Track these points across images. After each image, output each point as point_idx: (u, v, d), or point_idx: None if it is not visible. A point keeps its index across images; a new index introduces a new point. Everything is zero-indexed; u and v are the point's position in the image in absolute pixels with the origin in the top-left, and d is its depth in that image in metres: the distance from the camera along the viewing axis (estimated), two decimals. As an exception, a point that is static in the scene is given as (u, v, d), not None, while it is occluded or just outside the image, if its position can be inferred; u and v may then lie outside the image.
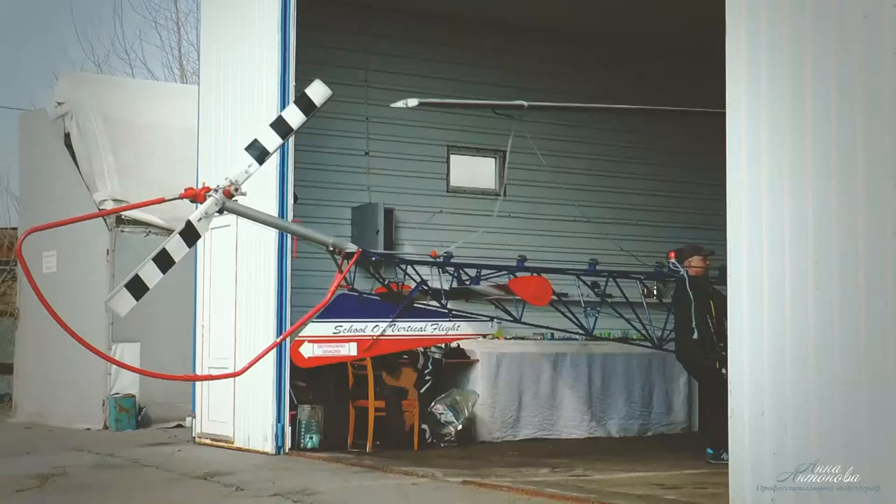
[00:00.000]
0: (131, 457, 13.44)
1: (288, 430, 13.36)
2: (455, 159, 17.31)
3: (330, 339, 10.95)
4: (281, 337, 11.28)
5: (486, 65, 16.25)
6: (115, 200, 16.11)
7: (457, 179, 17.10)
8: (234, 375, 15.96)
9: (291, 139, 13.29)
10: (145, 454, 13.74)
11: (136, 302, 9.49)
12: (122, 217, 16.19)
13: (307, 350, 10.82)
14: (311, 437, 13.49)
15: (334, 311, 10.92)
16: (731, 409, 7.70)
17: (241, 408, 13.99)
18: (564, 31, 16.34)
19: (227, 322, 13.49)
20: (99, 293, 10.51)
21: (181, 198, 9.66)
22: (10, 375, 21.61)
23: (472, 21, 15.86)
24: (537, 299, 11.72)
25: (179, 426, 16.65)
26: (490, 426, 14.68)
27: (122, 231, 16.71)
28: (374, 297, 11.66)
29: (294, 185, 13.52)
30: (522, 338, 15.25)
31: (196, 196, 9.51)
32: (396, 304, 11.52)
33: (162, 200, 12.03)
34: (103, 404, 17.32)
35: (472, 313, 12.58)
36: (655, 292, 13.49)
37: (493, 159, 17.56)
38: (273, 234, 12.62)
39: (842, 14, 6.89)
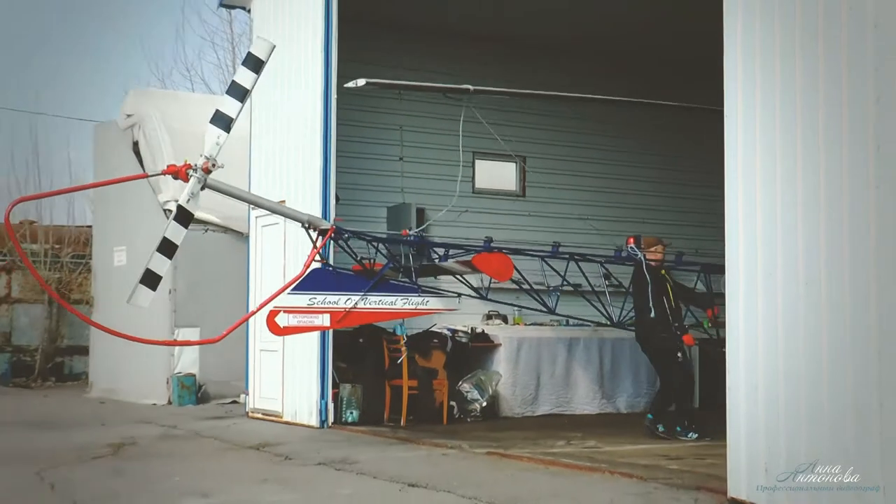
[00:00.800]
0: (192, 429, 13.52)
1: (331, 406, 13.37)
2: (480, 164, 17.29)
3: (304, 311, 10.38)
4: (257, 307, 11.17)
5: (501, 76, 16.10)
6: (177, 201, 16.14)
7: (481, 182, 17.07)
8: (211, 342, 16.00)
9: (333, 146, 13.42)
10: (204, 427, 13.80)
11: (154, 292, 9.33)
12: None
13: (282, 320, 10.29)
14: (352, 413, 13.50)
15: (310, 284, 10.39)
16: (728, 386, 7.64)
17: (289, 386, 14.01)
18: (572, 47, 16.23)
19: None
20: (163, 284, 10.47)
21: (163, 174, 9.59)
22: (87, 356, 21.72)
23: (489, 38, 15.74)
24: (499, 274, 11.27)
25: (234, 402, 16.68)
26: (511, 403, 14.65)
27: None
28: (348, 272, 11.07)
29: (336, 188, 13.53)
30: (540, 324, 15.21)
31: (178, 172, 9.29)
32: (369, 279, 10.94)
33: (145, 176, 12.05)
34: (167, 382, 17.40)
35: (443, 290, 11.98)
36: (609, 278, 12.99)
37: (514, 164, 17.51)
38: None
39: (827, 30, 6.83)
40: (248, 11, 15.66)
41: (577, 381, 14.85)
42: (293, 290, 10.18)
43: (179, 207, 9.39)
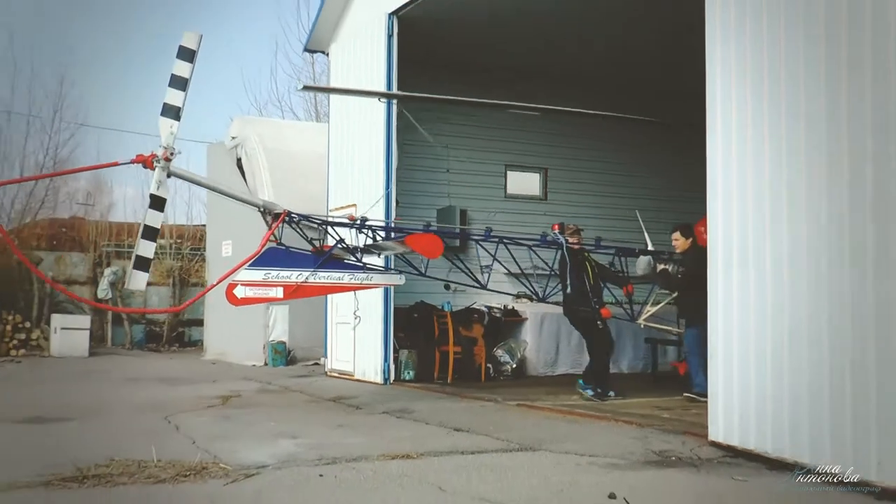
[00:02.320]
0: (283, 385, 13.61)
1: (392, 367, 13.43)
2: (511, 174, 17.30)
3: (259, 284, 9.63)
4: (216, 282, 10.52)
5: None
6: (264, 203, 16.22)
7: (511, 188, 17.06)
8: (174, 311, 16.04)
9: (394, 162, 13.46)
10: (292, 383, 13.88)
11: (147, 274, 8.81)
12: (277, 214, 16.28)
13: (240, 292, 9.56)
14: (408, 372, 13.56)
15: (265, 261, 9.68)
16: (710, 353, 7.63)
17: (359, 351, 14.08)
18: (594, 79, 16.14)
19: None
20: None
21: (132, 162, 8.75)
22: (202, 327, 22.00)
23: (522, 71, 15.68)
24: (429, 252, 10.33)
25: (316, 364, 16.75)
26: (535, 365, 14.66)
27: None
28: (299, 251, 10.18)
29: (396, 193, 13.58)
30: (559, 303, 15.14)
31: (145, 161, 8.57)
32: (318, 257, 10.14)
33: (116, 164, 11.45)
34: (264, 348, 17.53)
35: (387, 268, 11.40)
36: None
37: (538, 174, 17.50)
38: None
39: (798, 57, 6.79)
40: (327, 55, 15.73)
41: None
42: (251, 266, 9.58)
43: (152, 195, 8.79)
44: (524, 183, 17.29)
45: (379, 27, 13.79)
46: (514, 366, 14.21)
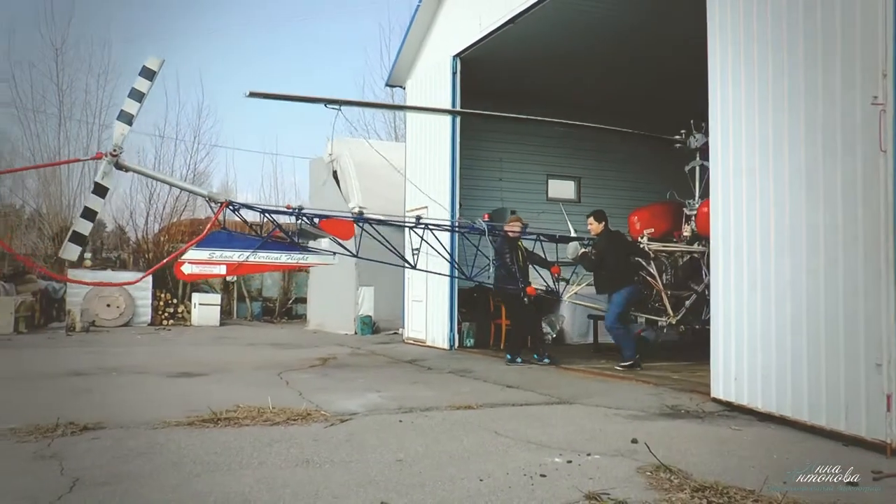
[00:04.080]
0: (369, 349, 13.71)
1: (456, 335, 13.51)
2: (551, 181, 17.20)
3: (205, 262, 9.10)
4: (166, 259, 9.88)
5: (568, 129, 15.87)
6: (360, 207, 16.38)
7: (552, 193, 16.95)
8: (131, 283, 16.81)
9: (458, 171, 13.50)
10: (377, 348, 13.98)
11: (80, 248, 8.37)
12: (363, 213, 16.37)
13: (187, 269, 9.07)
14: (469, 340, 13.63)
15: (211, 243, 9.15)
16: (712, 322, 7.49)
17: (430, 322, 14.16)
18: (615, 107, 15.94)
19: (419, 275, 13.51)
20: (349, 261, 10.43)
21: (92, 159, 8.48)
22: (305, 303, 22.31)
23: (564, 103, 15.56)
24: (342, 235, 9.80)
25: (395, 333, 16.83)
26: (571, 335, 14.54)
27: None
28: (242, 235, 9.61)
29: (460, 197, 13.61)
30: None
31: (100, 157, 8.34)
32: (258, 240, 9.59)
33: (78, 160, 10.66)
34: (354, 320, 17.65)
35: (322, 249, 10.58)
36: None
37: (573, 182, 17.37)
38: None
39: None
40: (404, 88, 15.82)
41: (615, 320, 14.59)
42: (197, 247, 9.13)
43: (96, 183, 8.38)
44: (562, 189, 17.20)
45: (445, 66, 13.84)
46: (554, 335, 14.11)
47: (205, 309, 20.97)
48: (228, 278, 23.52)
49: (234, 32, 59.50)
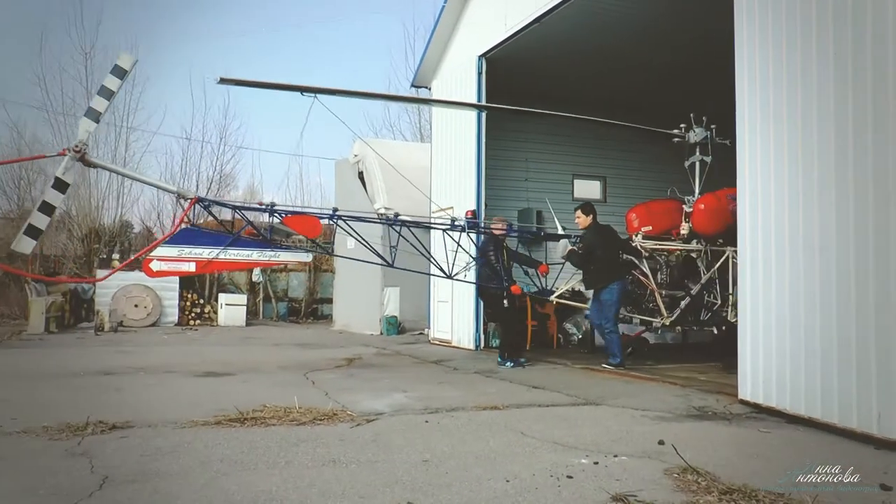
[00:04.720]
0: (395, 350, 13.76)
1: (482, 336, 13.51)
2: (577, 181, 17.13)
3: (173, 259, 8.83)
4: (134, 256, 9.70)
5: (590, 128, 15.81)
6: (386, 208, 16.46)
7: (578, 193, 16.88)
8: (94, 281, 16.84)
9: (483, 171, 13.51)
10: (403, 348, 14.03)
11: (35, 242, 8.11)
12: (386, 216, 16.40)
13: (155, 266, 8.83)
14: (495, 341, 13.57)
15: (181, 239, 8.92)
16: (740, 328, 7.41)
17: (456, 323, 14.18)
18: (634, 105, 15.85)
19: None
20: (376, 260, 10.46)
21: (58, 155, 8.30)
22: (331, 303, 22.45)
23: (584, 101, 15.49)
24: (309, 231, 9.58)
25: (421, 333, 16.90)
26: (597, 337, 14.42)
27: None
28: (210, 231, 9.38)
29: (485, 197, 13.62)
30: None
31: (64, 152, 8.18)
32: (229, 237, 9.28)
33: (43, 157, 10.37)
34: (379, 320, 17.76)
35: (298, 247, 10.37)
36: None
37: (598, 182, 17.29)
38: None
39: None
40: (429, 89, 15.86)
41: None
42: (166, 244, 8.95)
43: (56, 178, 8.22)
44: (588, 188, 17.13)
45: (471, 66, 13.87)
46: (580, 336, 14.07)
47: (231, 309, 21.19)
48: (254, 277, 23.71)
49: (262, 35, 60.11)
